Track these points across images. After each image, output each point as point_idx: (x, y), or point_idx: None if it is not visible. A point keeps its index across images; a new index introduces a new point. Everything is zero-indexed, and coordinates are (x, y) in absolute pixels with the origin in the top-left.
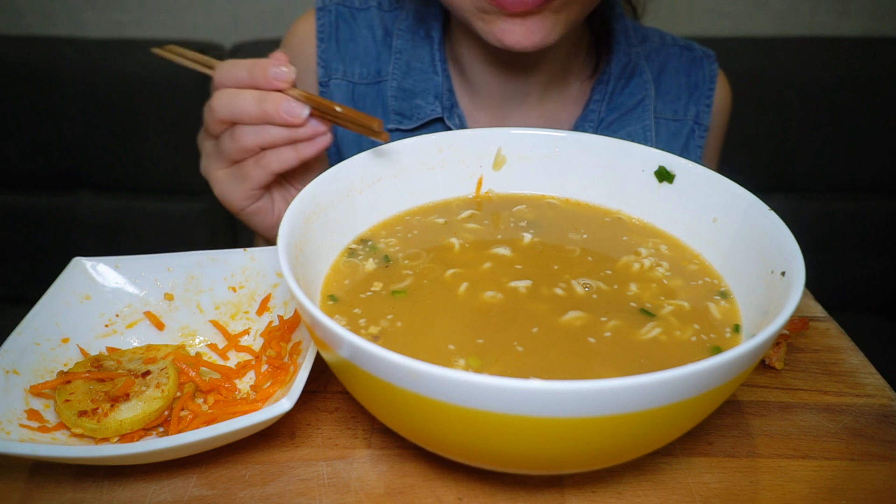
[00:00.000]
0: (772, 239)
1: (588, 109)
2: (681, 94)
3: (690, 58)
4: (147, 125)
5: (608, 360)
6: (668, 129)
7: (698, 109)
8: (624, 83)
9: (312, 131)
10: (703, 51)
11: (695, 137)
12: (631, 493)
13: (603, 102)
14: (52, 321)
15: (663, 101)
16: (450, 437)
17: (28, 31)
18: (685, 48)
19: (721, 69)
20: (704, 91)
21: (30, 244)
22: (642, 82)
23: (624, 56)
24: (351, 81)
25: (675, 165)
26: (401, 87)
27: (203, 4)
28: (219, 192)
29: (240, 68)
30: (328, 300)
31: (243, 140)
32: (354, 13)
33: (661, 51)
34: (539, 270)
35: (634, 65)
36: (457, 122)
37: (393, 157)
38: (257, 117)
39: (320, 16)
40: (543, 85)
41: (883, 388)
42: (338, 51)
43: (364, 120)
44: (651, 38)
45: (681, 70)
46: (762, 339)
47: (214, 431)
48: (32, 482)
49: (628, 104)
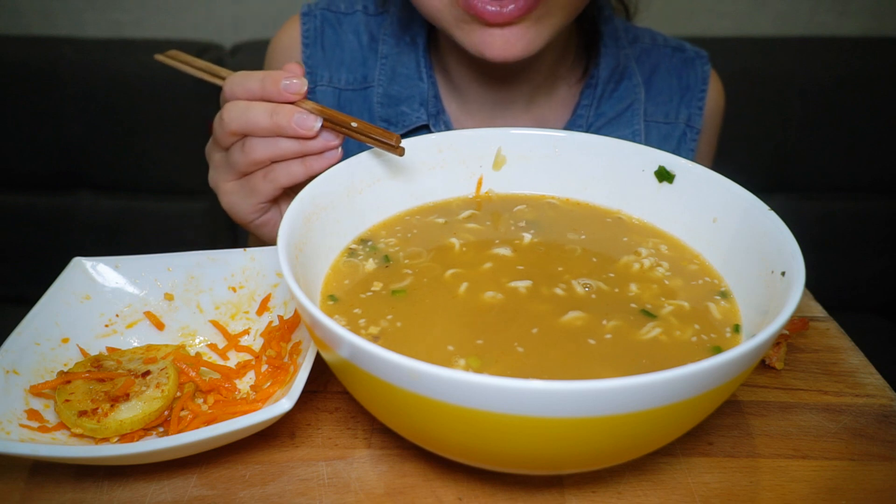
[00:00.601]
0: (772, 239)
1: (576, 115)
2: (672, 96)
3: (682, 59)
4: (147, 125)
5: (608, 360)
6: (659, 132)
7: (690, 112)
8: (613, 87)
9: (323, 145)
10: (695, 51)
11: (686, 140)
12: (631, 493)
13: (591, 107)
14: (52, 321)
15: (654, 104)
16: (450, 437)
17: (28, 31)
18: (677, 49)
19: (714, 69)
20: (696, 93)
21: (30, 244)
22: (632, 86)
23: (613, 59)
24: (337, 87)
25: (675, 165)
26: (386, 94)
27: (203, 4)
28: (226, 204)
29: (252, 80)
30: (328, 300)
31: (254, 152)
32: (340, 18)
33: (653, 52)
34: (539, 270)
35: (624, 68)
36: (442, 129)
37: (393, 158)
38: (269, 129)
39: (305, 21)
40: (531, 91)
41: (883, 388)
42: (323, 56)
43: (382, 134)
44: (642, 38)
45: (672, 72)
46: (762, 339)
47: (214, 431)
48: (32, 482)
49: (617, 108)
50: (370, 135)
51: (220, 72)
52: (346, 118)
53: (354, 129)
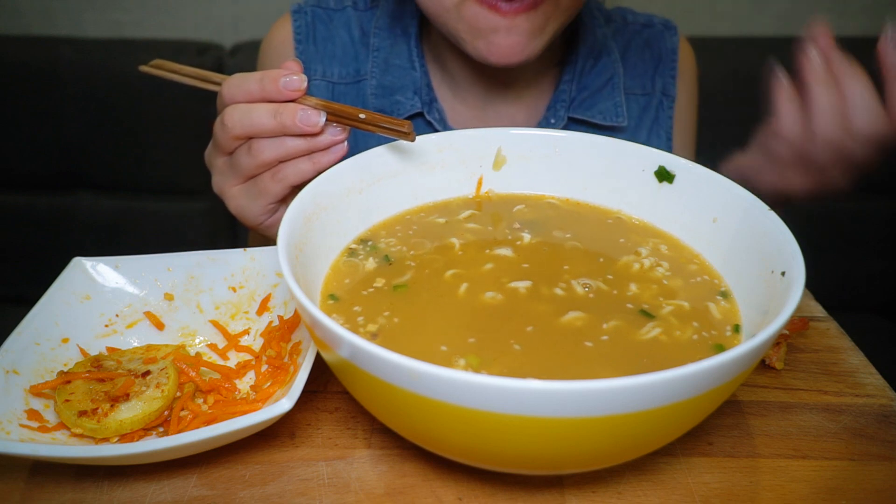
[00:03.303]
0: (772, 239)
1: (559, 90)
2: (647, 69)
3: (651, 33)
4: (147, 125)
5: (608, 360)
6: (639, 104)
7: (664, 81)
8: (592, 63)
9: (330, 140)
10: (662, 23)
11: (664, 108)
12: (631, 493)
13: (573, 83)
14: (52, 321)
15: (631, 77)
16: (450, 437)
17: (28, 31)
18: (645, 25)
19: (683, 36)
20: (668, 63)
21: (30, 244)
22: (610, 61)
23: (590, 36)
24: (330, 82)
25: (675, 165)
26: (380, 85)
27: (203, 4)
28: (235, 209)
29: (250, 81)
30: (328, 300)
31: (262, 155)
32: (331, 14)
33: (624, 30)
34: (539, 270)
35: (602, 45)
36: (436, 116)
37: (393, 157)
38: (274, 130)
39: (296, 18)
40: (522, 78)
41: (883, 388)
42: (316, 51)
43: (392, 122)
44: (614, 18)
45: (644, 46)
46: (762, 339)
47: (214, 431)
48: (32, 482)
49: (598, 83)
50: (380, 124)
51: (212, 77)
52: (354, 110)
53: (363, 120)
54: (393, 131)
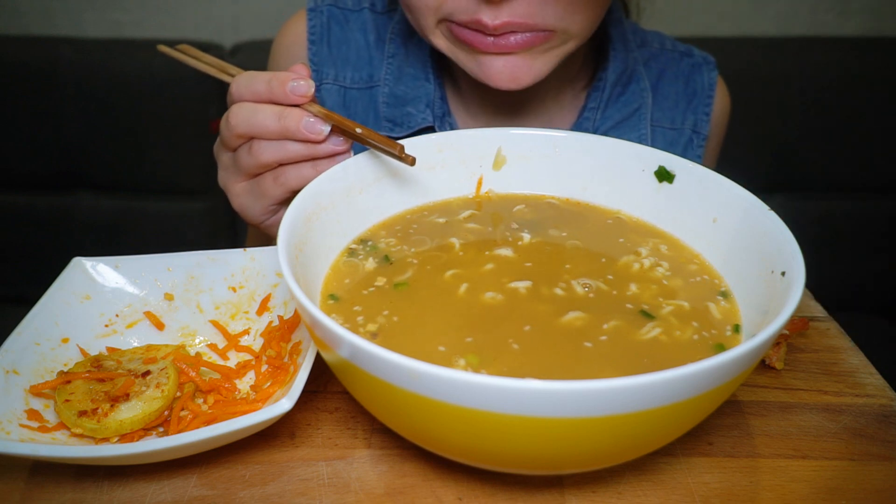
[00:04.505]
0: (772, 239)
1: (583, 117)
2: (679, 101)
3: (690, 64)
4: (147, 125)
5: (608, 360)
6: (665, 137)
7: (696, 118)
8: (620, 91)
9: (331, 149)
10: (702, 56)
11: (693, 147)
12: (631, 493)
13: (598, 110)
14: (52, 321)
15: (660, 109)
16: (450, 437)
17: (27, 31)
18: (684, 54)
19: (720, 75)
20: (703, 99)
21: (30, 244)
22: (639, 90)
23: (621, 63)
24: (342, 86)
25: (675, 165)
26: (392, 94)
27: (203, 4)
28: (237, 205)
29: (258, 81)
30: (328, 300)
31: (262, 155)
32: (347, 15)
33: (661, 56)
34: (539, 271)
35: (631, 72)
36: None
37: (393, 158)
38: (277, 133)
39: (311, 17)
40: (538, 97)
41: (883, 388)
42: (329, 54)
43: (384, 142)
44: (650, 42)
45: (679, 77)
46: (762, 339)
47: (214, 431)
48: (32, 482)
49: (624, 112)
50: (373, 141)
51: (229, 69)
52: (351, 124)
53: (359, 135)
54: (386, 151)
